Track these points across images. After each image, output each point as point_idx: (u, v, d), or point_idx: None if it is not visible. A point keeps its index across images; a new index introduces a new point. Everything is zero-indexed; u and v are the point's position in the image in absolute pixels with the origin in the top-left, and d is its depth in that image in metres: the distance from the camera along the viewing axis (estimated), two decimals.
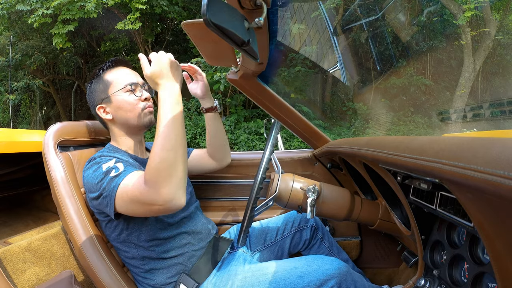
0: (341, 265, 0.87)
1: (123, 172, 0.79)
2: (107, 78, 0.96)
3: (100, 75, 0.97)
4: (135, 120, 0.96)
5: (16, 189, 1.57)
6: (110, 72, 0.97)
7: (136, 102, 0.95)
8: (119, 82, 0.95)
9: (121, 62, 1.00)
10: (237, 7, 0.52)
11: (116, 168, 0.80)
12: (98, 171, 0.82)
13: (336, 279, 0.83)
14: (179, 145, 0.74)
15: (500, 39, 8.32)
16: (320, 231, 1.19)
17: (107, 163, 0.82)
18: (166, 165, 0.71)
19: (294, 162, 1.40)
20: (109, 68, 0.97)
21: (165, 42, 10.06)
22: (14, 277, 0.98)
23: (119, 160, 0.84)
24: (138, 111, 0.95)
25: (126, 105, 0.94)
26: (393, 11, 7.94)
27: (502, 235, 0.42)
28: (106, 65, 0.97)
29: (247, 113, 8.19)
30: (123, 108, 0.94)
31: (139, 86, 0.97)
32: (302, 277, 0.84)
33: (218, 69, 6.98)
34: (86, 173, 0.86)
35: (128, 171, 0.79)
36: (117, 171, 0.79)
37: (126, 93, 0.95)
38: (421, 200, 0.73)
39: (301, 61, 7.86)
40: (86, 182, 0.85)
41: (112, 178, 0.78)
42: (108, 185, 0.78)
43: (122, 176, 0.78)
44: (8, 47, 9.56)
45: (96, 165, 0.84)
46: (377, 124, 7.80)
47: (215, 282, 0.90)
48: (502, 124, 3.01)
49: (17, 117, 12.29)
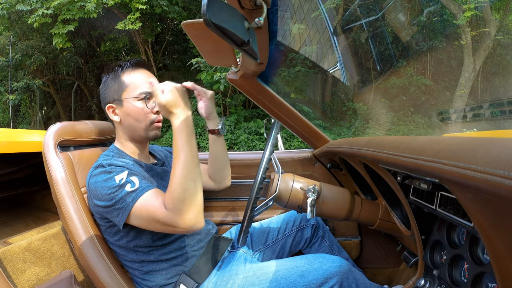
0: (342, 263, 0.87)
1: (140, 188, 0.80)
2: (124, 80, 0.93)
3: (118, 73, 0.94)
4: (141, 131, 0.95)
5: (16, 189, 1.57)
6: (129, 73, 0.94)
7: (147, 113, 0.94)
8: (135, 89, 0.93)
9: (142, 65, 0.97)
10: (237, 7, 0.52)
11: (131, 182, 0.81)
12: (109, 182, 0.81)
13: (337, 277, 0.83)
14: (198, 174, 0.78)
15: (500, 39, 8.32)
16: (321, 230, 1.20)
17: (120, 174, 0.82)
18: (188, 194, 0.75)
19: (294, 162, 1.40)
20: (128, 69, 0.94)
21: (165, 42, 10.06)
22: (14, 277, 0.98)
23: (132, 172, 0.83)
24: (146, 123, 0.94)
25: (137, 114, 0.93)
26: (393, 11, 7.95)
27: (502, 235, 0.42)
28: (127, 65, 0.95)
29: (247, 113, 8.19)
30: (132, 116, 0.93)
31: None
32: (304, 275, 0.84)
33: (218, 69, 6.98)
34: (94, 180, 0.85)
35: (144, 187, 0.80)
36: (133, 186, 0.80)
37: (139, 102, 0.93)
38: (421, 200, 0.73)
39: (301, 61, 7.86)
40: (94, 189, 0.84)
41: (129, 193, 0.79)
42: (124, 198, 0.79)
43: (139, 193, 0.79)
44: (8, 47, 9.57)
45: (106, 174, 0.83)
46: (377, 124, 7.80)
47: (216, 282, 0.90)
48: (502, 124, 3.01)
49: (17, 117, 12.30)
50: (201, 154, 1.54)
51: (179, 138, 0.78)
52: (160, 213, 0.76)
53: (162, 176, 1.00)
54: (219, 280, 0.90)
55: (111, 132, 1.20)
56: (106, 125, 1.19)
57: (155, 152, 1.12)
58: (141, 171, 0.91)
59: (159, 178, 0.98)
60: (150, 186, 0.82)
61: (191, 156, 0.78)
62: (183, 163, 0.77)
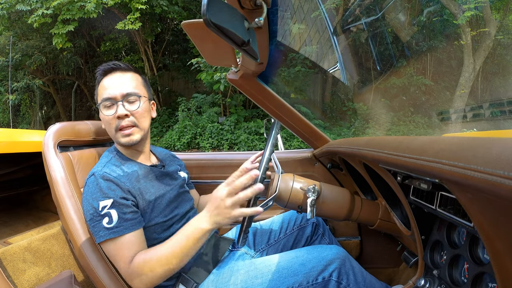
0: (339, 251, 0.88)
1: (114, 229, 0.82)
2: (100, 86, 0.94)
3: (98, 79, 0.96)
4: (113, 138, 0.95)
5: (16, 189, 1.57)
6: (102, 80, 0.94)
7: (110, 119, 0.91)
8: (100, 96, 0.92)
9: (111, 70, 0.94)
10: (237, 7, 0.52)
11: (110, 217, 0.83)
12: (94, 202, 0.84)
13: (336, 263, 0.84)
14: (183, 264, 0.82)
15: (500, 39, 8.32)
16: (321, 228, 1.20)
17: (105, 201, 0.84)
18: (165, 275, 0.81)
19: (294, 162, 1.40)
20: (104, 75, 0.95)
21: (165, 42, 10.06)
22: (14, 277, 0.98)
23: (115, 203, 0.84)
24: (111, 131, 0.93)
25: (104, 122, 0.94)
26: (393, 11, 7.94)
27: (502, 235, 0.42)
28: (103, 69, 0.94)
29: (247, 113, 8.19)
30: (104, 123, 0.95)
31: (117, 101, 0.90)
32: (304, 264, 0.85)
33: (218, 69, 6.98)
34: (86, 189, 0.88)
35: (119, 231, 0.83)
36: (110, 222, 0.82)
37: (105, 109, 0.92)
38: (421, 200, 0.73)
39: (301, 61, 7.86)
40: (84, 197, 0.88)
41: (102, 228, 0.82)
42: (98, 229, 0.83)
43: (111, 234, 0.82)
44: (8, 47, 9.56)
45: (95, 192, 0.85)
46: (377, 124, 7.80)
47: (217, 280, 0.90)
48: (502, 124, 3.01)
49: (17, 117, 12.29)
50: (201, 154, 1.54)
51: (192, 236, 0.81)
52: (122, 265, 0.82)
53: (160, 178, 0.99)
54: (219, 278, 0.90)
55: None
56: None
57: (156, 154, 1.12)
58: (142, 174, 0.93)
59: (158, 180, 0.98)
60: (125, 229, 0.83)
61: (188, 255, 0.82)
62: (178, 252, 0.80)
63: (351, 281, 0.83)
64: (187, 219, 0.99)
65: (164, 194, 0.96)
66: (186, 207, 1.03)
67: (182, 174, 1.14)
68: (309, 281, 0.83)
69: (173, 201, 0.98)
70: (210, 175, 1.43)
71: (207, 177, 1.42)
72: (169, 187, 0.99)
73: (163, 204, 0.93)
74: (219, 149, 7.53)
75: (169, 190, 0.98)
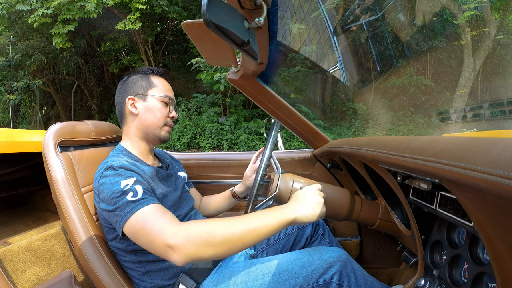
0: (341, 253, 0.88)
1: (141, 200, 0.77)
2: (153, 80, 1.01)
3: (148, 74, 1.02)
4: (156, 128, 1.00)
5: (16, 189, 1.57)
6: (158, 78, 1.03)
7: (164, 114, 1.01)
8: (162, 91, 1.01)
9: (167, 77, 1.07)
10: (237, 7, 0.52)
11: (134, 191, 0.78)
12: (115, 185, 0.80)
13: (337, 266, 0.84)
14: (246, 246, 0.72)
15: (500, 39, 8.32)
16: (321, 228, 1.20)
17: (127, 180, 0.81)
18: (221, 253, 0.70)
19: (294, 162, 1.40)
20: (158, 74, 1.04)
21: (165, 42, 10.06)
22: (14, 277, 0.98)
23: (138, 180, 0.82)
24: (161, 122, 1.00)
25: (157, 111, 0.99)
26: (393, 11, 7.94)
27: (502, 235, 0.42)
28: (157, 70, 1.04)
29: (247, 113, 8.20)
30: (152, 112, 0.99)
31: (173, 104, 1.04)
32: (305, 266, 0.85)
33: (218, 69, 6.98)
34: (103, 181, 0.83)
35: (146, 201, 0.78)
36: (135, 195, 0.78)
37: (161, 103, 1.00)
38: (421, 200, 0.73)
39: (301, 61, 7.86)
40: (101, 190, 0.83)
41: (128, 202, 0.77)
42: (123, 207, 0.77)
43: (139, 205, 0.76)
44: (8, 47, 9.57)
45: (115, 177, 0.82)
46: (377, 124, 7.80)
47: (217, 280, 0.90)
48: (502, 124, 3.00)
49: (17, 117, 12.30)
50: (201, 154, 1.54)
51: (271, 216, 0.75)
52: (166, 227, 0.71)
53: (166, 179, 1.00)
54: (220, 278, 0.90)
55: (111, 132, 1.20)
56: (106, 125, 1.19)
57: (160, 156, 1.13)
58: (150, 175, 0.92)
59: (163, 181, 0.99)
60: (153, 200, 0.79)
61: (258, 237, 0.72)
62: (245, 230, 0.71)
63: (352, 284, 0.83)
64: (188, 219, 1.00)
65: (169, 195, 0.96)
66: (188, 207, 1.03)
67: (182, 174, 1.15)
68: (310, 284, 0.82)
69: (177, 202, 0.99)
70: (210, 175, 1.43)
71: (207, 177, 1.42)
72: (173, 188, 1.00)
73: (167, 205, 0.94)
74: (219, 149, 7.54)
75: (173, 191, 0.99)
